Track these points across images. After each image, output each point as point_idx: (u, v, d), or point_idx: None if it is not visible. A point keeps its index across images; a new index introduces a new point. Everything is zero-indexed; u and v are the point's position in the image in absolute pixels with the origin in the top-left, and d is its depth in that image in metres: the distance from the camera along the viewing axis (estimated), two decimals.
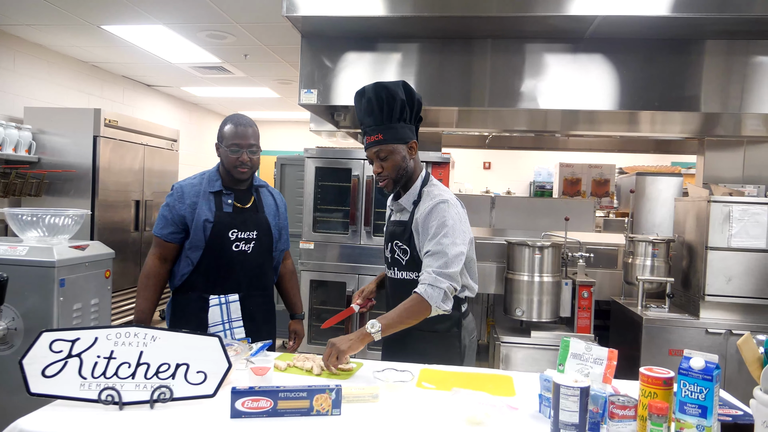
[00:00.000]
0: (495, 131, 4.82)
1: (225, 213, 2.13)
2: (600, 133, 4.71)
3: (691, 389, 1.17)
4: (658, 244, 3.64)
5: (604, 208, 5.71)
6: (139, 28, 4.44)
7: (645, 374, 1.28)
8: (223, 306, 2.08)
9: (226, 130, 2.14)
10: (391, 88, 1.86)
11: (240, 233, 2.13)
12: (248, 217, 2.17)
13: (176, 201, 2.13)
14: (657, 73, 3.38)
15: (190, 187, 2.16)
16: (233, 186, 2.19)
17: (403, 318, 1.80)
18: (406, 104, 1.88)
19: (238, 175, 2.13)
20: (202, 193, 2.14)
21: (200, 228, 2.08)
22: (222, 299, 2.09)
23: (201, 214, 2.10)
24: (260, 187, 2.30)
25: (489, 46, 3.49)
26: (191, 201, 2.12)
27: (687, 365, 1.18)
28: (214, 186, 2.16)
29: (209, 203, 2.12)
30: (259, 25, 4.24)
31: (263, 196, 2.29)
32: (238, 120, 2.15)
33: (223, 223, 2.11)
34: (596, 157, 6.51)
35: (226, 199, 2.15)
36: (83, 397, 1.41)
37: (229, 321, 2.08)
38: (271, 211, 2.27)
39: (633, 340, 3.50)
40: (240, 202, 2.18)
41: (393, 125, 1.88)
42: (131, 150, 4.97)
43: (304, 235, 3.99)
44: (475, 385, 1.64)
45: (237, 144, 2.10)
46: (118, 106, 6.23)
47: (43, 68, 5.13)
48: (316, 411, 1.40)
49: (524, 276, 3.78)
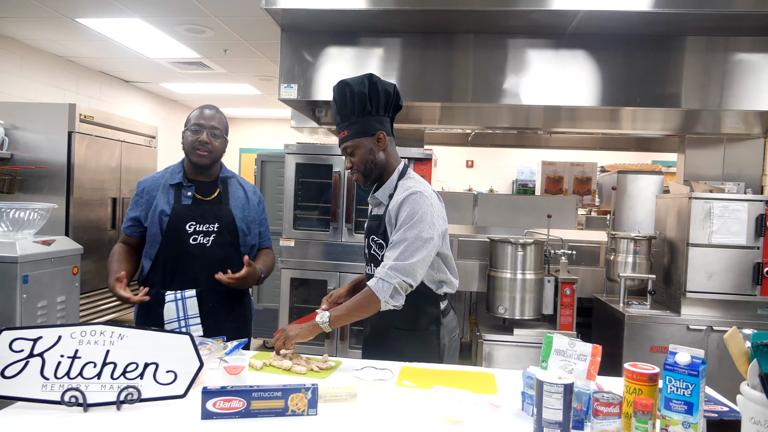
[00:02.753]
0: (478, 128, 4.80)
1: (183, 205, 2.05)
2: (582, 131, 4.71)
3: (677, 385, 1.14)
4: (640, 241, 3.64)
5: (586, 206, 5.73)
6: (115, 21, 4.34)
7: (630, 370, 1.25)
8: (179, 302, 1.98)
9: (191, 115, 2.11)
10: (352, 84, 1.85)
11: (198, 226, 2.04)
12: (208, 210, 2.08)
13: (137, 196, 2.08)
14: (638, 69, 3.39)
15: (152, 180, 2.10)
16: (196, 177, 2.11)
17: (351, 311, 1.77)
18: (369, 97, 1.84)
19: (196, 158, 2.05)
20: (162, 186, 2.07)
21: (156, 221, 2.02)
22: (178, 295, 1.99)
23: (158, 206, 2.03)
24: (229, 178, 2.20)
25: (471, 41, 3.47)
26: (151, 195, 2.06)
27: (672, 360, 1.15)
28: (174, 178, 2.09)
29: (168, 196, 2.06)
30: (238, 19, 4.17)
31: (232, 188, 2.18)
32: (204, 106, 2.12)
33: (179, 215, 2.03)
34: (578, 155, 6.55)
35: (186, 191, 2.07)
36: (45, 399, 1.34)
37: (186, 317, 1.98)
38: (238, 203, 2.17)
39: (615, 337, 3.50)
40: (202, 194, 2.10)
41: (357, 120, 1.86)
42: (108, 146, 4.85)
43: (284, 233, 3.92)
44: (457, 382, 1.60)
45: (198, 124, 2.05)
46: (94, 102, 6.09)
47: (16, 62, 4.98)
48: (292, 411, 1.35)
49: (507, 273, 3.76)
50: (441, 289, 1.93)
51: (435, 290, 1.91)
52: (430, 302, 1.91)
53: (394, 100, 1.92)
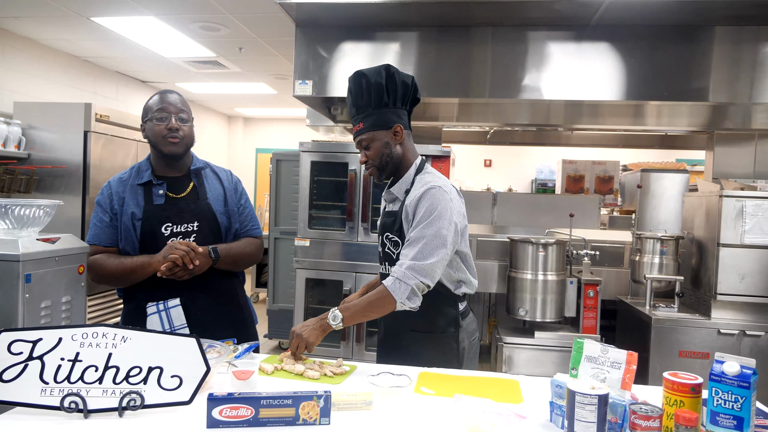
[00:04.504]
0: (496, 125, 4.69)
1: (156, 206, 1.87)
2: (604, 127, 4.58)
3: (725, 398, 1.03)
4: (667, 241, 3.50)
5: (608, 206, 5.59)
6: (130, 20, 4.30)
7: (670, 380, 1.15)
8: (162, 313, 1.82)
9: (150, 103, 1.90)
10: (369, 75, 1.76)
11: (176, 227, 1.86)
12: (184, 207, 1.89)
13: (105, 198, 1.90)
14: (664, 61, 3.26)
15: (118, 181, 1.92)
16: (166, 173, 1.93)
17: (366, 311, 1.70)
18: (387, 89, 1.75)
19: (168, 147, 1.86)
20: (129, 187, 1.89)
21: (129, 226, 1.84)
22: (161, 306, 1.83)
23: (127, 210, 1.85)
24: (201, 169, 2.00)
25: (490, 35, 3.37)
26: (119, 197, 1.88)
27: (720, 370, 1.04)
28: (142, 177, 1.90)
29: (136, 197, 1.87)
30: (252, 16, 4.11)
31: (206, 180, 1.99)
32: (163, 90, 1.93)
33: (153, 217, 1.86)
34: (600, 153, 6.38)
35: (157, 189, 1.89)
36: (44, 404, 1.27)
37: (172, 329, 1.82)
38: (216, 196, 1.98)
39: (641, 341, 3.36)
40: (174, 192, 1.92)
41: (373, 112, 1.78)
42: (123, 146, 4.83)
43: (299, 232, 3.85)
44: (479, 390, 1.50)
45: (163, 110, 1.86)
46: (111, 102, 6.09)
47: (33, 62, 4.99)
48: (303, 420, 1.26)
49: (527, 274, 3.65)
50: (460, 289, 1.84)
51: (453, 290, 1.82)
52: (449, 303, 1.82)
53: (411, 92, 1.83)
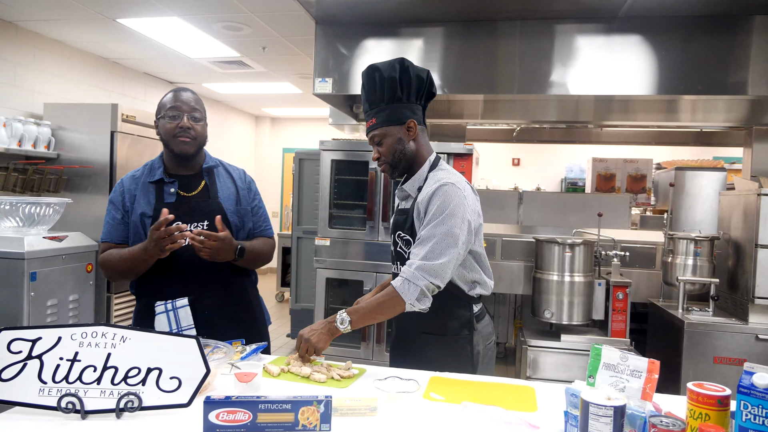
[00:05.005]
0: (523, 123, 4.57)
1: (166, 204, 1.84)
2: (636, 124, 4.42)
3: (755, 412, 0.94)
4: (701, 242, 3.35)
5: (641, 205, 5.40)
6: (154, 21, 4.34)
7: (695, 391, 1.05)
8: (170, 313, 1.80)
9: (163, 100, 1.90)
10: (382, 69, 1.70)
11: (186, 226, 1.83)
12: (195, 206, 1.87)
13: (118, 195, 1.89)
14: (698, 54, 3.11)
15: (131, 179, 1.91)
16: (178, 171, 1.91)
17: (374, 313, 1.65)
18: (400, 83, 1.69)
19: (179, 147, 1.84)
20: (141, 185, 1.88)
21: (138, 224, 1.83)
22: (169, 305, 1.80)
23: (138, 208, 1.84)
24: (213, 167, 1.98)
25: (516, 28, 3.27)
26: (131, 195, 1.87)
27: (749, 382, 0.95)
28: (154, 175, 1.89)
29: (148, 195, 1.86)
30: (274, 15, 4.09)
31: (218, 179, 1.97)
32: (177, 88, 1.92)
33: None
34: (632, 151, 6.18)
35: (168, 188, 1.87)
36: (41, 404, 1.25)
37: (179, 329, 1.79)
38: (228, 195, 1.96)
39: (673, 346, 3.22)
40: (186, 190, 1.90)
41: (386, 107, 1.71)
42: (149, 146, 4.88)
43: (319, 231, 3.82)
44: (492, 397, 1.43)
45: (176, 108, 1.85)
46: (139, 103, 6.18)
47: (63, 64, 5.09)
48: (302, 426, 1.21)
49: (553, 275, 3.55)
50: (474, 291, 1.76)
51: (467, 291, 1.74)
52: (462, 304, 1.74)
53: (426, 86, 1.76)
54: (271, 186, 9.10)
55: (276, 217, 9.11)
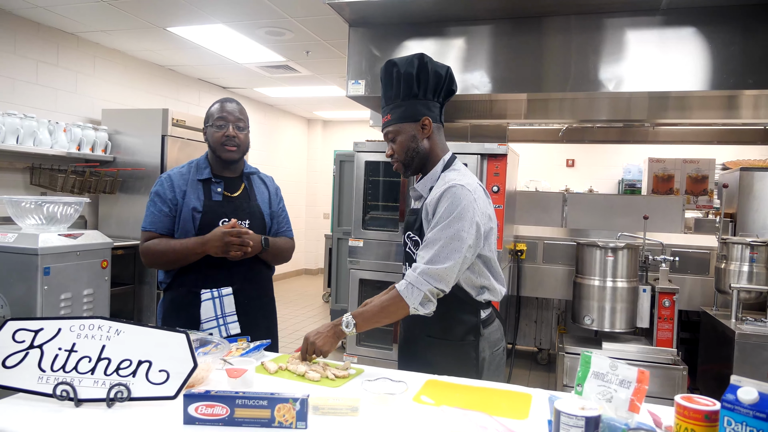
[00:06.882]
0: (571, 122, 4.40)
1: (214, 202, 2.00)
2: (694, 121, 4.15)
3: (739, 429, 0.85)
4: (758, 248, 3.12)
5: (702, 208, 5.09)
6: (201, 29, 4.51)
7: (681, 404, 0.97)
8: (216, 300, 1.93)
9: (212, 110, 2.06)
10: (400, 64, 1.67)
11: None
12: (239, 206, 2.04)
13: (166, 189, 2.00)
14: (758, 45, 2.88)
15: (179, 175, 2.04)
16: (222, 173, 2.06)
17: (379, 316, 1.62)
18: (417, 79, 1.65)
19: (226, 154, 1.99)
20: (190, 182, 2.01)
21: (188, 218, 1.96)
22: (215, 293, 1.94)
23: (189, 203, 1.97)
24: (251, 174, 2.16)
25: (560, 24, 3.15)
26: (181, 189, 1.99)
27: (733, 397, 0.86)
28: (202, 174, 2.03)
29: (197, 192, 2.00)
30: (313, 19, 4.16)
31: (255, 184, 2.15)
32: (223, 99, 2.08)
33: (213, 211, 1.98)
34: (692, 150, 5.83)
35: (215, 187, 2.02)
36: (39, 391, 1.31)
37: (223, 316, 1.94)
38: (263, 198, 2.14)
39: (724, 358, 3.01)
40: (229, 191, 2.05)
41: (402, 103, 1.69)
42: (198, 149, 5.06)
43: (353, 233, 3.82)
44: (484, 403, 1.37)
45: (222, 118, 2.00)
46: (193, 108, 6.43)
47: (120, 72, 5.38)
48: (278, 423, 1.21)
49: (595, 280, 3.40)
50: (482, 296, 1.70)
51: (475, 296, 1.69)
52: (468, 309, 1.69)
53: (445, 83, 1.72)
54: (324, 188, 9.22)
55: (327, 218, 9.23)
